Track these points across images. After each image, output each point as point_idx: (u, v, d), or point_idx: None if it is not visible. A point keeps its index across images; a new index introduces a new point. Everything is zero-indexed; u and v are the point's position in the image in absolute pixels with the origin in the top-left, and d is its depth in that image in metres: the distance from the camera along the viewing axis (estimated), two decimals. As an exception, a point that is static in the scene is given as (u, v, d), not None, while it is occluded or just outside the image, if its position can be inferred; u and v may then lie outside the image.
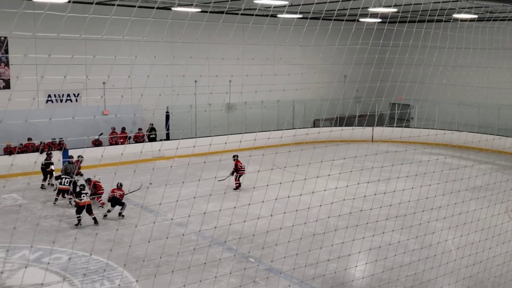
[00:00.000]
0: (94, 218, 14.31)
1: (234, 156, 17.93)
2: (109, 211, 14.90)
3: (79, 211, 14.08)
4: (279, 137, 22.36)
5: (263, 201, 8.52)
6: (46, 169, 17.99)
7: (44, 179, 17.96)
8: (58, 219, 14.79)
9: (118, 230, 13.68)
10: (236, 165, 18.09)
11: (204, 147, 19.90)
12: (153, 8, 20.59)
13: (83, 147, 19.81)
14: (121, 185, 15.18)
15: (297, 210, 9.03)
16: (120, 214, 14.90)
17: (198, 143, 20.58)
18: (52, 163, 17.85)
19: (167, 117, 23.73)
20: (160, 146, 21.08)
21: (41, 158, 18.93)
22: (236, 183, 17.98)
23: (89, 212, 14.18)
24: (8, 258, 11.78)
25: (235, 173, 18.01)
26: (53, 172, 17.89)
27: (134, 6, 18.91)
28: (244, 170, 18.00)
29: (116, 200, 14.85)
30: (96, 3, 19.25)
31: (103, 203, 15.44)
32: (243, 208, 8.47)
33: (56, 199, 16.13)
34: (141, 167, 20.23)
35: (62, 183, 15.99)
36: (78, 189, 14.41)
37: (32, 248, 12.27)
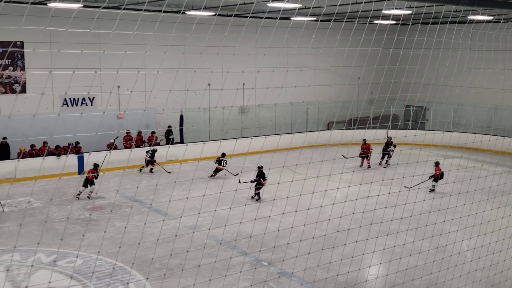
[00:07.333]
0: None
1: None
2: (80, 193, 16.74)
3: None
4: (290, 140, 22.36)
5: (273, 200, 8.50)
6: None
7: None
8: (73, 222, 14.89)
9: (131, 233, 13.73)
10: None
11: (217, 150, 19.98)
12: (168, 12, 20.70)
13: (98, 151, 19.97)
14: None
15: (308, 209, 8.97)
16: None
17: (210, 147, 20.80)
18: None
19: (181, 118, 23.88)
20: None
21: (57, 162, 19.18)
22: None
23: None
24: (23, 261, 11.89)
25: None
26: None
27: (148, 11, 19.02)
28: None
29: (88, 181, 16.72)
30: (110, 7, 19.36)
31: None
32: (254, 211, 8.44)
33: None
34: (157, 170, 20.36)
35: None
36: None
37: (47, 251, 12.37)
